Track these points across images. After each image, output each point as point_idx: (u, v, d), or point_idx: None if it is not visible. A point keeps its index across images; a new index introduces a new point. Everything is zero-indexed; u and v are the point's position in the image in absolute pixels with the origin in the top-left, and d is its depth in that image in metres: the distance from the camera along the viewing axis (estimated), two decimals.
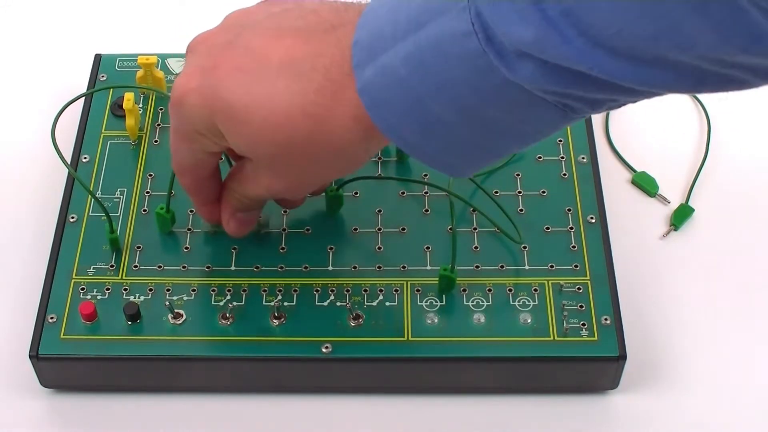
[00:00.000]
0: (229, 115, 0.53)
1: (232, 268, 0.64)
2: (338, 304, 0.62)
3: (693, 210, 0.70)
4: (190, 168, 0.59)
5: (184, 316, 0.62)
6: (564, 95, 0.47)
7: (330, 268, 0.64)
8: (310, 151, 0.53)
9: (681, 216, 0.70)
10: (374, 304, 0.62)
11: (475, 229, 0.66)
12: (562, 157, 0.69)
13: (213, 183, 0.61)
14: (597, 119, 0.73)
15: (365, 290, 0.63)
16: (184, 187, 0.61)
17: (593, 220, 0.66)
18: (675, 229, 0.69)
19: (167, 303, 0.62)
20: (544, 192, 0.68)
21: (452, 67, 0.47)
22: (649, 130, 0.75)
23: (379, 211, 0.66)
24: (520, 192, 0.67)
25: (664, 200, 0.71)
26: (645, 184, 0.71)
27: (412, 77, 0.48)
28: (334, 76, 0.51)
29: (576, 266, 0.64)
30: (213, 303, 0.63)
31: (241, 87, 0.52)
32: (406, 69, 0.48)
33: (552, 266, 0.64)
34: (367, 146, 0.53)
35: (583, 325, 0.61)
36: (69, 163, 0.68)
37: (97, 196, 0.67)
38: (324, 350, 0.60)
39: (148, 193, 0.67)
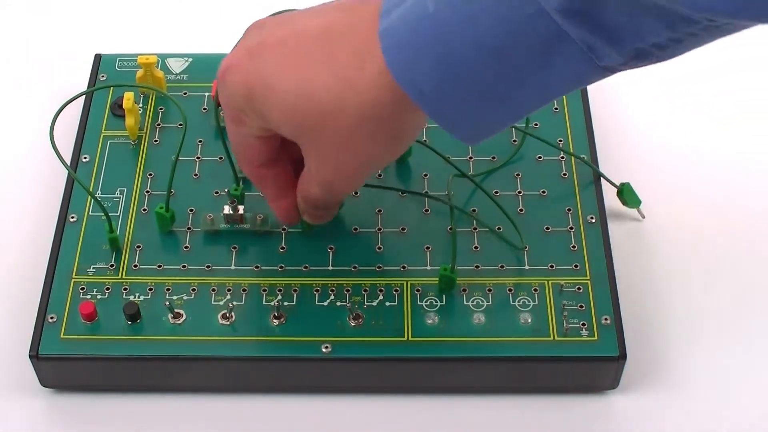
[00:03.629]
0: (265, 89, 0.53)
1: (232, 267, 0.64)
2: (338, 304, 0.62)
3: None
4: (243, 154, 0.59)
5: (184, 316, 0.62)
6: (590, 24, 0.46)
7: (330, 267, 0.64)
8: (346, 118, 0.52)
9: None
10: (374, 304, 0.62)
11: (475, 229, 0.66)
12: (562, 157, 0.69)
13: (275, 175, 0.60)
14: (597, 121, 0.73)
15: (365, 290, 0.63)
16: (250, 179, 0.61)
17: (593, 220, 0.66)
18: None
19: (167, 303, 0.62)
20: (544, 192, 0.67)
21: None
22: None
23: (379, 211, 0.66)
24: (520, 192, 0.67)
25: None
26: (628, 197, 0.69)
27: (440, 11, 0.48)
28: (366, 36, 0.51)
29: (576, 266, 0.64)
30: (213, 303, 0.62)
31: (278, 60, 0.53)
32: (435, 4, 0.48)
33: (552, 266, 0.64)
34: (400, 113, 0.52)
35: (583, 325, 0.61)
36: (69, 162, 0.68)
37: (96, 195, 0.67)
38: (324, 350, 0.60)
39: (147, 192, 0.67)
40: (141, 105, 0.72)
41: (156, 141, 0.70)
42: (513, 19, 0.47)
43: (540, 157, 0.69)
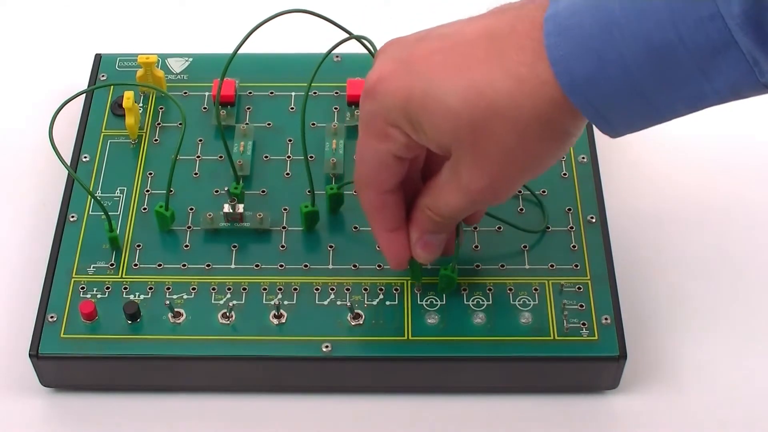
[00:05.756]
0: (428, 94, 0.51)
1: (232, 266, 0.64)
2: (338, 303, 0.62)
3: None
4: (375, 177, 0.56)
5: (184, 315, 0.62)
6: (760, 40, 0.45)
7: (330, 266, 0.64)
8: (519, 117, 0.50)
9: None
10: (374, 303, 0.62)
11: (475, 228, 0.66)
12: (562, 157, 0.69)
13: (396, 202, 0.57)
14: None
15: (365, 289, 0.63)
16: (365, 209, 0.58)
17: (593, 220, 0.66)
18: None
19: (167, 302, 0.62)
20: (544, 192, 0.67)
21: None
22: None
23: None
24: (520, 192, 0.67)
25: None
26: None
27: (611, 0, 0.47)
28: (535, 35, 0.49)
29: (576, 266, 0.64)
30: (213, 302, 0.62)
31: (440, 65, 0.51)
32: None
33: (552, 266, 0.64)
34: (568, 118, 0.50)
35: (584, 324, 0.61)
36: (69, 162, 0.68)
37: (96, 195, 0.67)
38: (324, 349, 0.60)
39: (147, 191, 0.67)
40: (141, 104, 0.72)
41: (156, 140, 0.70)
42: (685, 19, 0.45)
43: None
